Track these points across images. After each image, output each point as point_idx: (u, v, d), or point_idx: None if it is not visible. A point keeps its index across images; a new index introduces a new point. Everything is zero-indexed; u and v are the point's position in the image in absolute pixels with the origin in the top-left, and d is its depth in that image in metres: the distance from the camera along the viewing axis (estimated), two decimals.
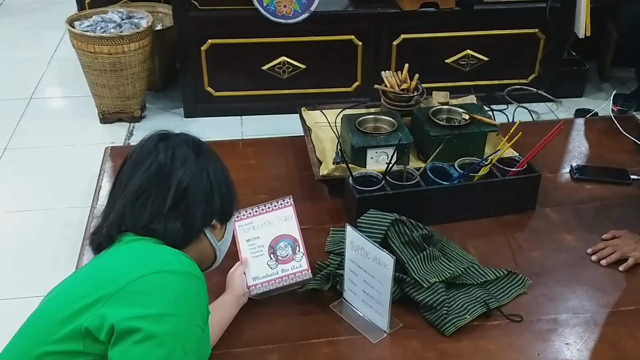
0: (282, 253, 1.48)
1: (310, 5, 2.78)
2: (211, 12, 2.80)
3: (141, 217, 1.15)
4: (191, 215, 1.19)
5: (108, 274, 1.08)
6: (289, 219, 1.51)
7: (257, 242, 1.51)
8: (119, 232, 1.16)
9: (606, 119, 2.36)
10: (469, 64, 3.05)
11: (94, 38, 2.73)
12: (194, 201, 1.19)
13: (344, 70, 2.99)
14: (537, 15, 2.96)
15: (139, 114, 2.97)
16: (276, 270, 1.47)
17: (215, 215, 1.24)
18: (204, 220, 1.21)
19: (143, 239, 1.15)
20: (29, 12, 4.16)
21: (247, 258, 1.50)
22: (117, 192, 1.21)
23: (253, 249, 1.51)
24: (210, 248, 1.26)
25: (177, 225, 1.17)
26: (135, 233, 1.16)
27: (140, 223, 1.15)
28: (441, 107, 2.03)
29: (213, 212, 1.23)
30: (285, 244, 1.49)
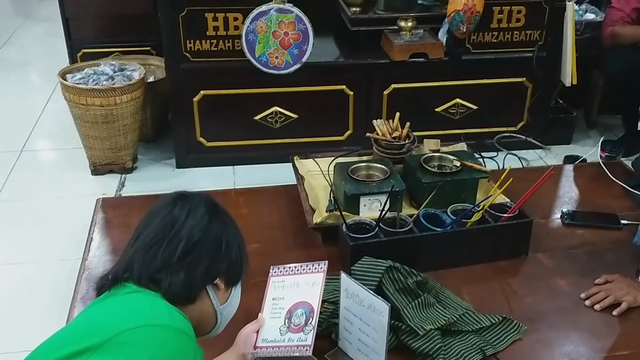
0: (296, 321, 1.41)
1: (302, 56, 2.83)
2: (203, 64, 2.84)
3: (149, 267, 1.17)
4: (195, 269, 1.20)
5: (99, 323, 1.08)
6: (315, 285, 1.44)
7: (280, 304, 1.46)
8: (123, 278, 1.17)
9: (595, 165, 2.38)
10: (459, 113, 3.09)
11: (86, 90, 2.76)
12: (200, 256, 1.20)
13: (336, 119, 3.03)
14: (524, 65, 3.02)
15: (130, 165, 2.97)
16: (283, 337, 1.41)
17: (219, 275, 1.24)
18: (207, 276, 1.22)
19: (142, 291, 1.16)
20: (22, 65, 4.21)
21: (264, 318, 1.46)
22: (131, 241, 1.24)
23: (274, 309, 1.46)
24: (212, 310, 1.26)
25: (181, 278, 1.18)
26: (138, 283, 1.16)
27: (147, 272, 1.17)
28: (432, 155, 2.05)
29: (218, 271, 1.24)
30: (302, 311, 1.42)
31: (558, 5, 2.94)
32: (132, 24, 3.37)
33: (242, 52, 2.79)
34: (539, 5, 2.95)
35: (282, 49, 2.80)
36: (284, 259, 1.63)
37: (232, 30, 2.79)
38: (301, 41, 2.79)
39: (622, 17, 2.97)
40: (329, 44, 3.15)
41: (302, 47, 2.81)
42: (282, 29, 2.76)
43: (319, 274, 1.45)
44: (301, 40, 2.79)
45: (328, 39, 3.17)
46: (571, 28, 2.96)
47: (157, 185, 2.84)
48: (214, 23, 2.78)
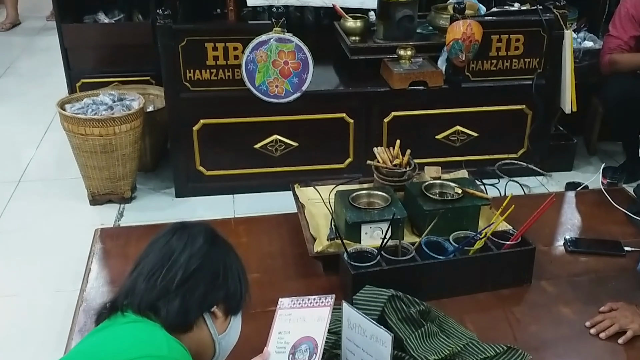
0: (300, 356, 1.37)
1: (302, 85, 2.83)
2: (203, 93, 2.85)
3: (148, 295, 1.17)
4: (191, 297, 1.19)
5: (98, 354, 1.08)
6: (321, 320, 1.40)
7: (286, 338, 1.42)
8: (122, 306, 1.17)
9: (596, 192, 2.37)
10: (459, 140, 3.09)
11: (85, 120, 2.75)
12: (197, 284, 1.20)
13: (336, 147, 3.02)
14: (524, 92, 3.03)
15: (129, 194, 2.96)
16: None
17: (217, 303, 1.23)
18: (203, 303, 1.21)
19: (142, 320, 1.15)
20: (21, 95, 4.21)
21: (269, 352, 1.42)
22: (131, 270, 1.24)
23: (280, 344, 1.42)
24: (210, 339, 1.24)
25: (176, 305, 1.17)
26: (138, 311, 1.16)
27: (147, 300, 1.16)
28: (434, 182, 2.04)
29: (215, 299, 1.23)
30: (306, 347, 1.38)
31: (556, 33, 2.96)
32: (131, 54, 3.38)
33: (242, 81, 2.80)
34: (537, 33, 2.96)
35: (282, 78, 2.81)
36: (284, 289, 1.61)
37: (231, 60, 2.80)
38: (301, 70, 2.80)
39: (620, 45, 2.98)
40: (329, 72, 3.16)
41: (302, 76, 2.81)
42: (282, 58, 2.77)
43: (325, 308, 1.43)
44: (301, 69, 2.80)
45: (328, 67, 3.18)
46: (570, 56, 2.98)
47: (156, 215, 2.82)
48: (213, 53, 2.79)
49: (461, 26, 2.79)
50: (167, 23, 2.73)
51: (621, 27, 2.99)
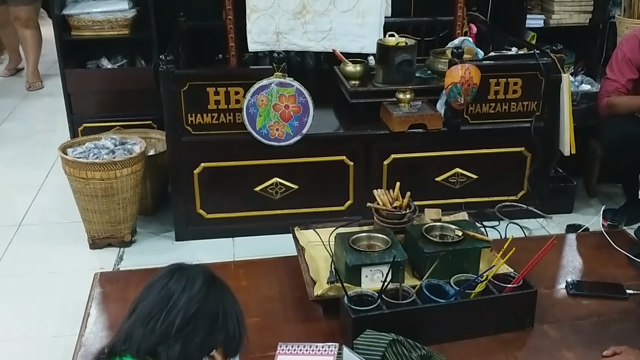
0: None
1: (302, 128, 2.85)
2: (204, 136, 2.87)
3: (148, 340, 1.16)
4: (191, 342, 1.18)
5: None
6: None
7: None
8: (121, 351, 1.16)
9: (597, 234, 2.36)
10: (459, 182, 3.10)
11: (86, 164, 2.76)
12: (197, 328, 1.19)
13: (336, 189, 3.02)
14: (522, 135, 3.05)
15: (129, 238, 2.95)
16: None
17: (216, 347, 1.22)
18: (203, 348, 1.20)
19: None
20: (23, 140, 4.24)
21: None
22: (129, 313, 1.23)
23: None
24: None
25: (176, 351, 1.16)
26: (136, 356, 1.15)
27: (146, 345, 1.15)
28: (434, 224, 2.04)
29: (214, 343, 1.22)
30: None
31: (554, 77, 2.99)
32: (133, 98, 3.43)
33: (242, 124, 2.82)
34: (535, 77, 3.00)
35: (283, 122, 2.83)
36: (284, 333, 1.59)
37: (233, 104, 2.83)
38: (301, 113, 2.83)
39: (618, 88, 3.01)
40: (329, 115, 3.19)
41: (302, 120, 2.84)
42: (282, 102, 2.80)
43: (328, 357, 1.41)
44: (301, 112, 2.83)
45: (328, 110, 3.21)
46: (568, 99, 3.00)
47: (156, 259, 2.81)
48: (215, 97, 2.82)
49: (459, 70, 2.83)
50: (169, 68, 2.77)
51: (618, 71, 3.02)
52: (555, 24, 3.72)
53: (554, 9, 3.70)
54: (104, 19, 3.41)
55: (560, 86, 3.00)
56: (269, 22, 3.24)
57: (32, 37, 4.97)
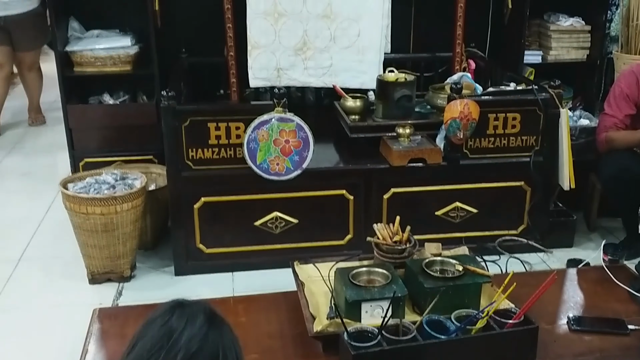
0: None
1: (303, 162, 2.87)
2: (205, 171, 2.88)
3: None
4: None
5: None
6: None
7: None
8: None
9: (598, 269, 2.35)
10: (459, 216, 3.10)
11: (87, 199, 2.77)
12: None
13: (336, 223, 3.02)
14: (522, 169, 3.06)
15: (128, 273, 2.94)
16: None
17: None
18: None
19: None
20: (24, 174, 4.26)
21: None
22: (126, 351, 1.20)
23: None
24: None
25: None
26: None
27: None
28: (434, 259, 2.03)
29: None
30: None
31: (552, 112, 3.01)
32: (134, 133, 3.45)
33: (243, 159, 2.83)
34: (534, 112, 3.02)
35: (283, 156, 2.85)
36: None
37: (233, 139, 2.84)
38: (302, 148, 2.84)
39: (616, 123, 3.03)
40: (329, 150, 3.21)
41: (302, 154, 2.85)
42: (283, 136, 2.82)
43: None
44: (302, 147, 2.84)
45: (328, 145, 3.23)
46: (566, 133, 3.02)
47: (155, 294, 2.79)
48: (216, 132, 2.84)
49: (458, 105, 2.86)
50: (171, 104, 2.79)
51: (616, 106, 3.05)
52: (553, 60, 3.77)
53: (551, 45, 3.74)
54: (106, 56, 3.46)
55: (559, 121, 3.02)
56: (270, 59, 3.29)
57: (35, 78, 5.08)
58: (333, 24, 3.27)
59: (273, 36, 3.27)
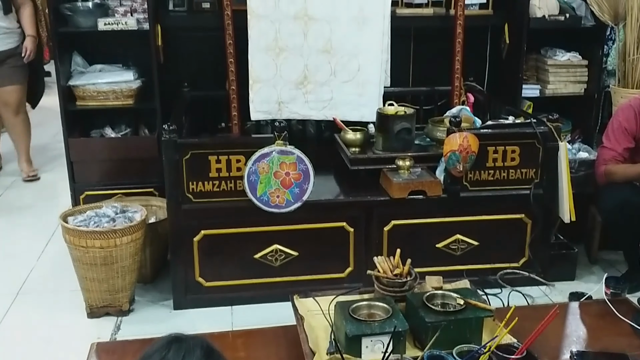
0: None
1: (303, 194, 2.87)
2: (205, 204, 2.88)
3: None
4: None
5: None
6: None
7: None
8: None
9: (600, 303, 2.34)
10: (460, 249, 3.09)
11: (86, 232, 2.76)
12: None
13: (337, 256, 3.01)
14: (522, 201, 3.06)
15: (127, 307, 2.92)
16: None
17: None
18: None
19: None
20: (24, 208, 4.26)
21: None
22: None
23: None
24: None
25: None
26: None
27: None
28: (435, 292, 2.02)
29: None
30: None
31: (551, 145, 3.03)
32: (136, 166, 3.46)
33: (243, 192, 2.84)
34: (533, 145, 3.03)
35: (283, 188, 2.85)
36: None
37: (234, 172, 2.85)
38: (302, 180, 2.85)
39: (615, 157, 3.04)
40: (330, 182, 3.21)
41: (302, 186, 2.86)
42: (283, 169, 2.83)
43: None
44: (302, 179, 2.85)
45: (328, 177, 3.23)
46: (565, 166, 3.03)
47: (153, 328, 2.77)
48: (217, 165, 2.84)
49: (458, 138, 2.87)
50: (172, 137, 2.81)
51: (615, 139, 3.06)
52: (551, 94, 3.80)
53: (549, 80, 3.78)
54: (109, 90, 3.48)
55: (558, 154, 3.03)
56: (271, 92, 3.32)
57: (23, 124, 4.64)
58: (333, 58, 3.31)
59: (274, 70, 3.30)
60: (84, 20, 3.42)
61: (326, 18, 3.26)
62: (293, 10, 3.24)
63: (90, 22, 3.41)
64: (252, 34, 3.25)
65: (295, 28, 3.26)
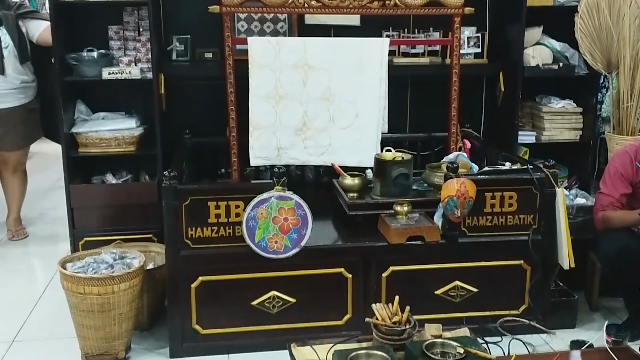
0: None
1: (301, 240, 2.87)
2: (203, 250, 2.88)
3: None
4: None
5: None
6: None
7: None
8: None
9: (602, 351, 2.32)
10: (459, 295, 3.07)
11: (84, 279, 2.75)
12: None
13: (335, 303, 2.99)
14: (521, 248, 3.05)
15: (123, 355, 2.89)
16: None
17: None
18: None
19: None
20: (24, 254, 4.25)
21: None
22: None
23: None
24: None
25: None
26: None
27: None
28: (435, 341, 2.01)
29: None
30: None
31: (548, 191, 3.04)
32: (135, 212, 3.48)
33: (242, 237, 2.84)
34: (530, 191, 3.05)
35: (282, 234, 2.85)
36: None
37: (233, 217, 2.86)
38: (300, 226, 2.86)
39: (612, 202, 3.05)
40: (328, 227, 3.22)
41: (301, 232, 2.86)
42: (281, 214, 2.84)
43: None
44: (300, 225, 2.86)
45: (326, 222, 3.24)
46: (563, 212, 3.04)
47: None
48: (216, 211, 2.86)
49: (455, 184, 2.89)
50: (172, 184, 2.83)
51: (612, 185, 3.07)
52: (547, 140, 3.84)
53: (544, 126, 3.83)
54: (111, 137, 3.52)
55: (556, 200, 3.04)
56: (271, 138, 3.36)
57: (20, 182, 4.44)
58: (332, 105, 3.36)
59: (274, 117, 3.35)
60: (89, 70, 3.48)
61: (325, 67, 3.32)
62: (293, 59, 3.31)
63: (94, 71, 3.47)
64: (253, 83, 3.31)
65: (295, 76, 3.32)
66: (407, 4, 3.34)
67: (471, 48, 3.77)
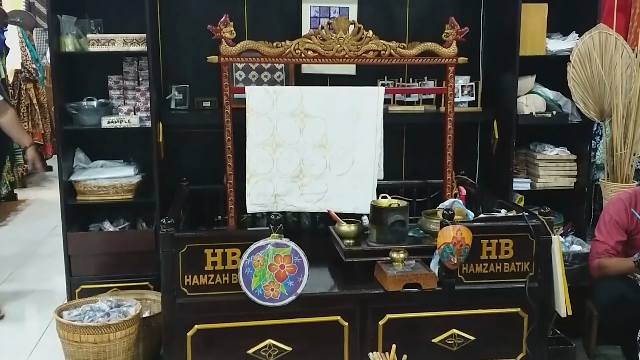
0: None
1: (297, 287, 2.87)
2: (200, 298, 2.87)
3: None
4: None
5: None
6: None
7: None
8: None
9: None
10: (456, 344, 3.05)
11: (81, 327, 2.75)
12: None
13: (331, 351, 2.96)
14: (518, 295, 3.04)
15: None
16: None
17: None
18: None
19: None
20: (20, 302, 4.22)
21: None
22: None
23: None
24: None
25: None
26: None
27: None
28: None
29: None
30: None
31: (544, 238, 3.05)
32: (132, 260, 3.48)
33: (238, 285, 2.83)
34: (526, 238, 3.05)
35: (278, 281, 2.85)
36: None
37: (229, 265, 2.86)
38: (296, 273, 2.86)
39: (607, 250, 3.06)
40: (324, 274, 3.21)
41: (297, 279, 2.86)
42: (278, 262, 2.84)
43: None
44: (296, 272, 2.86)
45: (323, 269, 3.23)
46: (559, 260, 3.04)
47: None
48: (212, 258, 2.86)
49: (451, 231, 2.90)
50: (169, 231, 2.84)
51: (607, 233, 3.09)
52: (542, 187, 3.87)
53: (539, 174, 3.86)
54: (109, 185, 3.55)
55: (552, 247, 3.05)
56: (268, 185, 3.40)
57: None
58: (328, 152, 3.40)
59: (271, 165, 3.39)
60: (88, 119, 3.53)
61: (322, 115, 3.38)
62: (290, 107, 3.37)
63: (94, 120, 3.53)
64: (251, 131, 3.36)
65: (292, 124, 3.37)
66: (402, 54, 3.42)
67: (465, 96, 3.84)
